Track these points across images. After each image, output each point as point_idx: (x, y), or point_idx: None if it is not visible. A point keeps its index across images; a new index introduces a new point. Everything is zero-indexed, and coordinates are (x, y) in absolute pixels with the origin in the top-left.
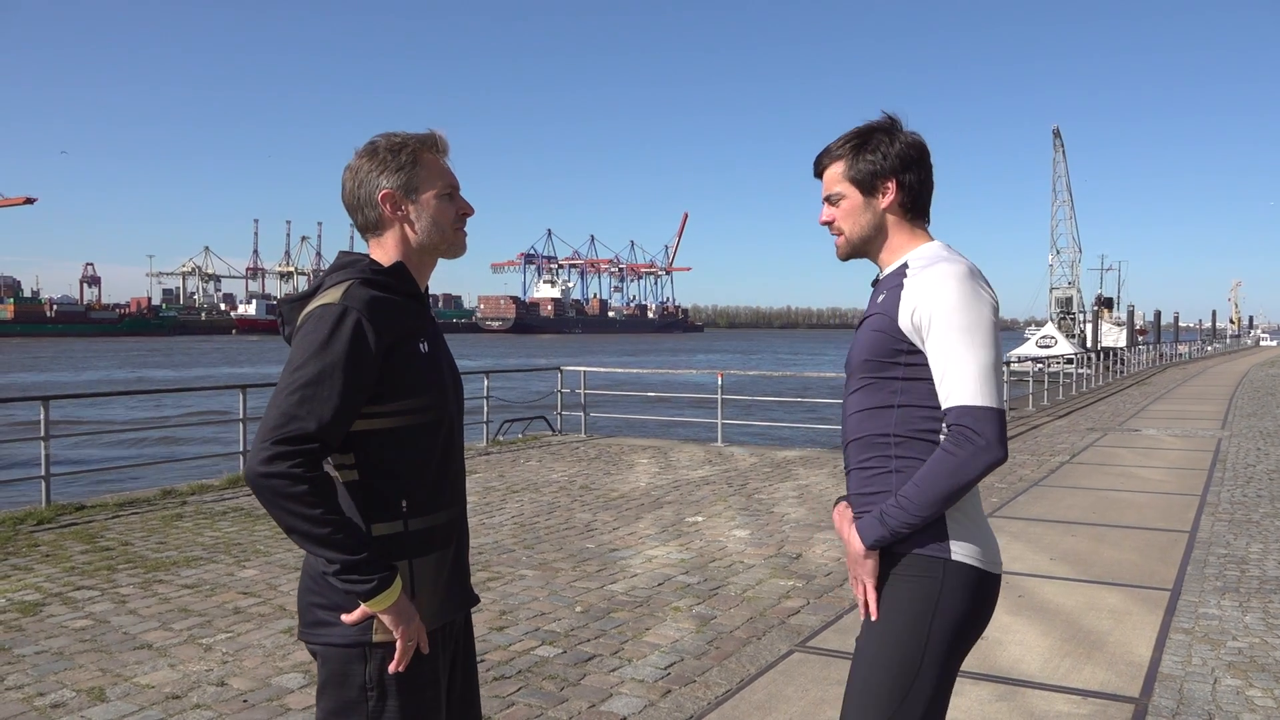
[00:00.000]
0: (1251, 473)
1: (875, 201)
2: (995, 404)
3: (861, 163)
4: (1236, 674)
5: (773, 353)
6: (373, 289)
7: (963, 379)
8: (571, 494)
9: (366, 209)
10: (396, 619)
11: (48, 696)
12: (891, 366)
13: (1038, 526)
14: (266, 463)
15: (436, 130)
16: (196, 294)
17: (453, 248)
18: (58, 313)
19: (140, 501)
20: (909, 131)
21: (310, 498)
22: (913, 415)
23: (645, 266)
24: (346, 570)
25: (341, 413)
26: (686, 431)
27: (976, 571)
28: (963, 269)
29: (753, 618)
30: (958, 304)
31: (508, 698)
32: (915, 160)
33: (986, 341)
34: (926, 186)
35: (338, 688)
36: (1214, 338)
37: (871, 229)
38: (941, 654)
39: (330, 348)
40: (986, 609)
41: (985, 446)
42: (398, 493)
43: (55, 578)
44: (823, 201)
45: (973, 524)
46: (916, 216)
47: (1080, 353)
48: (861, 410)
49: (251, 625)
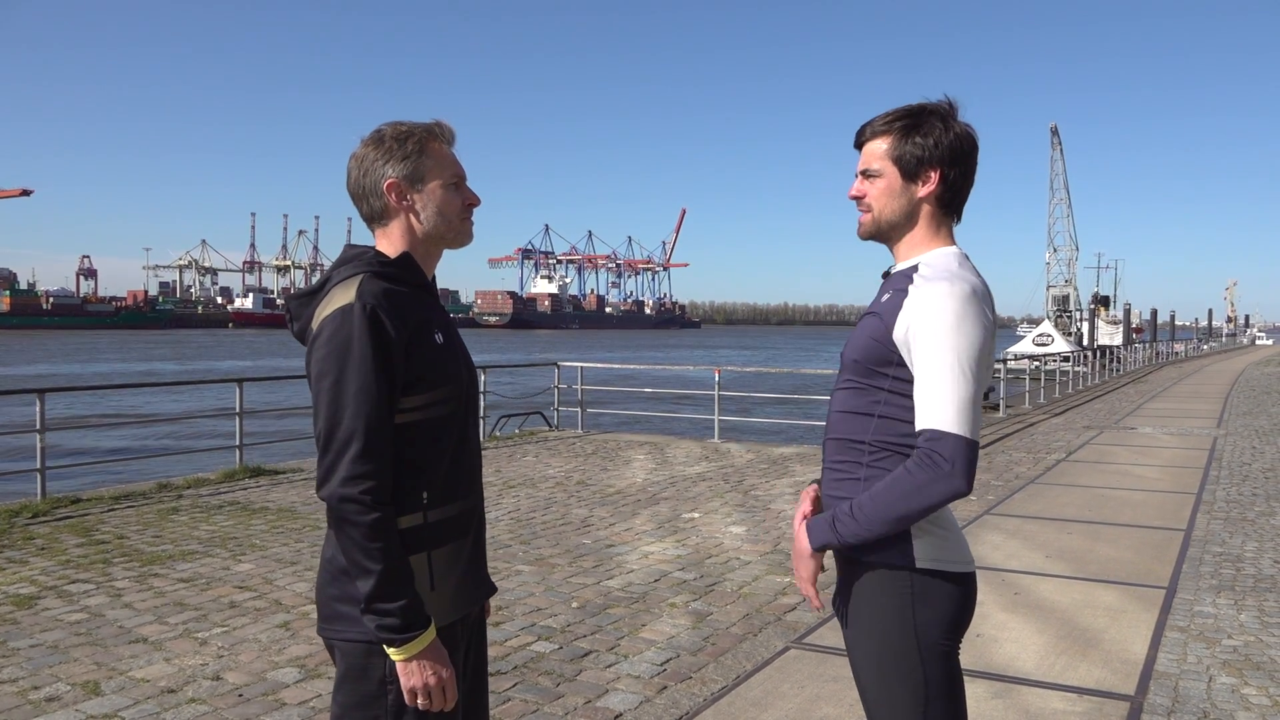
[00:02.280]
0: (1247, 471)
1: (914, 188)
2: (970, 434)
3: (910, 144)
4: (1231, 672)
5: (771, 349)
6: (383, 282)
7: (941, 403)
8: (568, 490)
9: (372, 198)
10: (423, 666)
11: (42, 690)
12: (879, 376)
13: (1033, 524)
14: (345, 484)
15: (443, 120)
16: (193, 287)
17: (459, 237)
18: (54, 305)
19: (136, 495)
20: (964, 123)
21: (375, 529)
22: (891, 428)
23: (643, 262)
24: (380, 612)
25: (388, 413)
26: (683, 427)
27: (945, 575)
28: (964, 289)
29: (749, 614)
30: (951, 326)
31: (504, 693)
32: (965, 154)
33: (972, 370)
34: (968, 184)
35: (356, 681)
36: (1210, 336)
37: (902, 215)
38: (938, 655)
39: (361, 350)
40: (966, 606)
41: (949, 474)
42: (418, 485)
43: (50, 571)
44: (857, 174)
45: (939, 526)
46: (949, 213)
47: (1077, 351)
48: (844, 410)
49: (247, 619)
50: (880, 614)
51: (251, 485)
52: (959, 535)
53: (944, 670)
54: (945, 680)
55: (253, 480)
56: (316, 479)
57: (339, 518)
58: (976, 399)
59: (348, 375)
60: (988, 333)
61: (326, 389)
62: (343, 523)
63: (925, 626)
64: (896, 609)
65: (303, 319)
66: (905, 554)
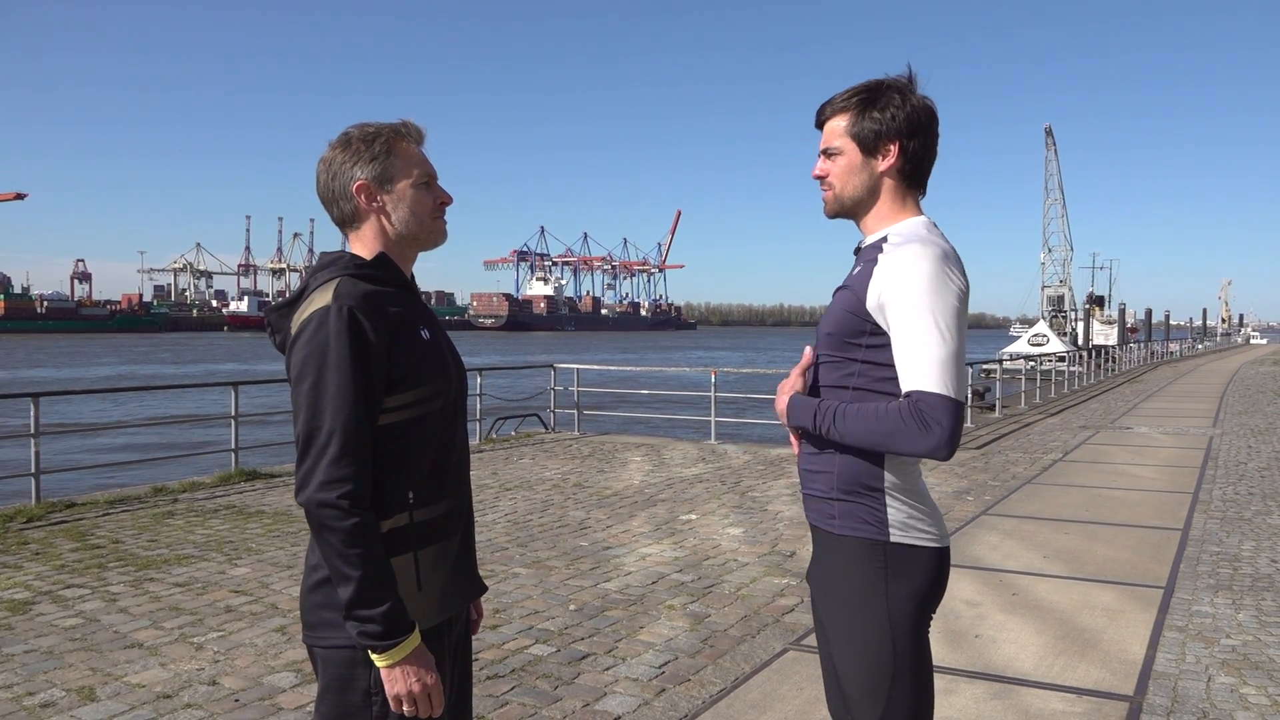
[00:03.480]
0: (1243, 470)
1: (874, 162)
2: (955, 394)
3: (867, 120)
4: (1230, 672)
5: (767, 350)
6: (362, 283)
7: (924, 364)
8: (565, 492)
9: (342, 201)
10: (406, 672)
11: (37, 696)
12: (853, 348)
13: (1031, 524)
14: (323, 488)
15: (410, 119)
16: (188, 291)
17: (432, 237)
18: (48, 309)
19: (131, 499)
20: (921, 95)
21: (354, 534)
22: (866, 399)
23: (638, 264)
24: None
25: (368, 415)
26: (680, 429)
27: (918, 549)
28: (935, 251)
29: (747, 616)
30: (926, 287)
31: (501, 697)
32: (923, 126)
33: (950, 328)
34: (929, 155)
35: (339, 693)
36: (1205, 336)
37: (865, 190)
38: (909, 632)
39: (339, 352)
40: (939, 581)
41: (935, 435)
42: (404, 484)
43: (45, 576)
44: (819, 154)
45: (911, 501)
46: (913, 185)
47: (1072, 351)
48: (820, 385)
49: (243, 624)
50: (852, 585)
51: (247, 489)
52: (934, 509)
53: (914, 643)
54: (914, 654)
55: (248, 484)
56: (295, 483)
57: (318, 523)
58: (959, 355)
59: (326, 378)
60: (959, 294)
61: (305, 392)
62: (321, 528)
63: (897, 600)
64: (868, 580)
65: (283, 329)
66: (880, 527)
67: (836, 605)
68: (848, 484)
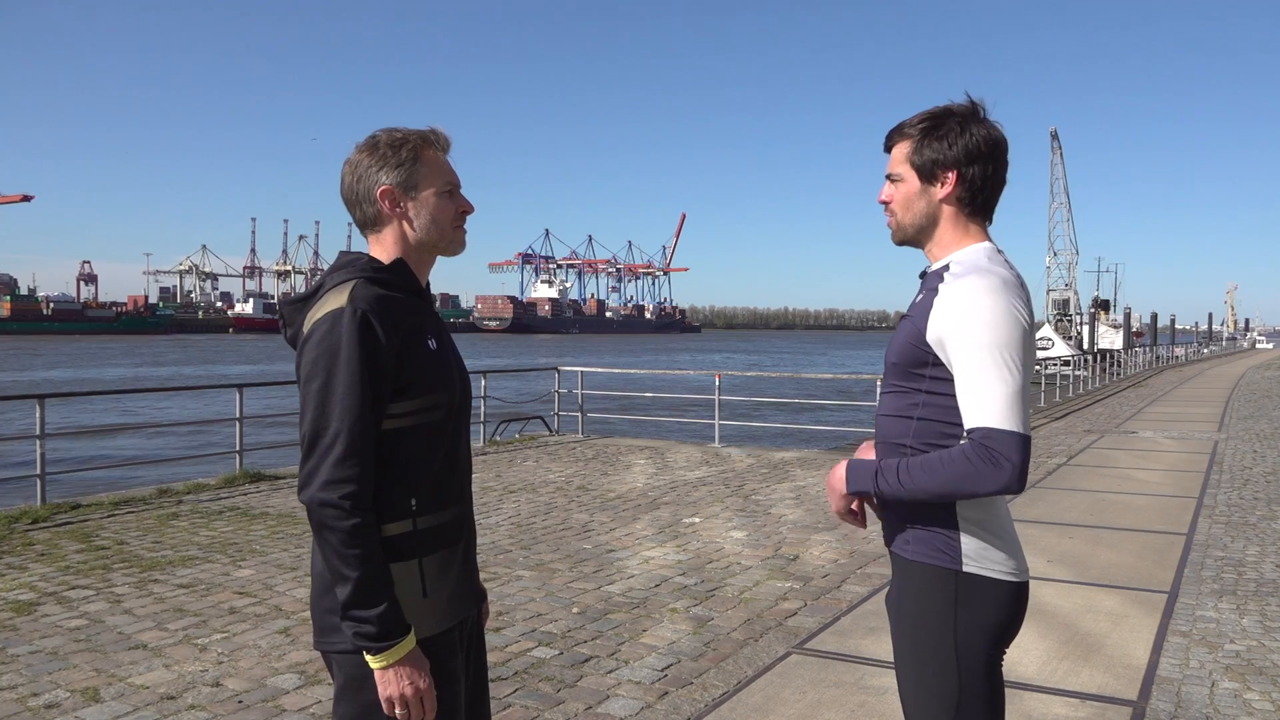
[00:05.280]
0: (1248, 475)
1: (932, 190)
2: (1022, 429)
3: (926, 148)
4: (1234, 677)
5: (772, 353)
6: (377, 287)
7: (987, 400)
8: (568, 494)
9: (365, 204)
10: (400, 675)
11: (42, 697)
12: (917, 378)
13: (1035, 528)
14: (325, 488)
15: (439, 127)
16: (194, 292)
17: (452, 245)
18: (54, 311)
19: (136, 500)
20: (989, 122)
21: (354, 535)
22: (930, 430)
23: (643, 267)
24: (357, 619)
25: (373, 419)
26: (683, 432)
27: (992, 581)
28: (993, 282)
29: (750, 619)
30: (984, 321)
31: (504, 699)
32: (984, 155)
33: (1012, 362)
34: (993, 184)
35: (356, 691)
36: (1210, 340)
37: (924, 218)
38: (978, 664)
39: (350, 354)
40: (1014, 615)
41: (1005, 472)
42: (408, 492)
43: (50, 577)
44: (885, 178)
45: (990, 532)
46: (975, 213)
47: (1077, 355)
48: (887, 414)
49: (247, 625)
50: (921, 614)
51: (252, 490)
52: (1013, 542)
53: (982, 678)
54: (981, 688)
55: (253, 485)
56: (298, 482)
57: (318, 522)
58: (1023, 391)
59: (335, 379)
60: (1023, 326)
61: (314, 392)
62: (321, 527)
63: (966, 631)
64: (938, 611)
65: (295, 324)
66: (953, 556)
67: (905, 630)
68: (922, 511)
